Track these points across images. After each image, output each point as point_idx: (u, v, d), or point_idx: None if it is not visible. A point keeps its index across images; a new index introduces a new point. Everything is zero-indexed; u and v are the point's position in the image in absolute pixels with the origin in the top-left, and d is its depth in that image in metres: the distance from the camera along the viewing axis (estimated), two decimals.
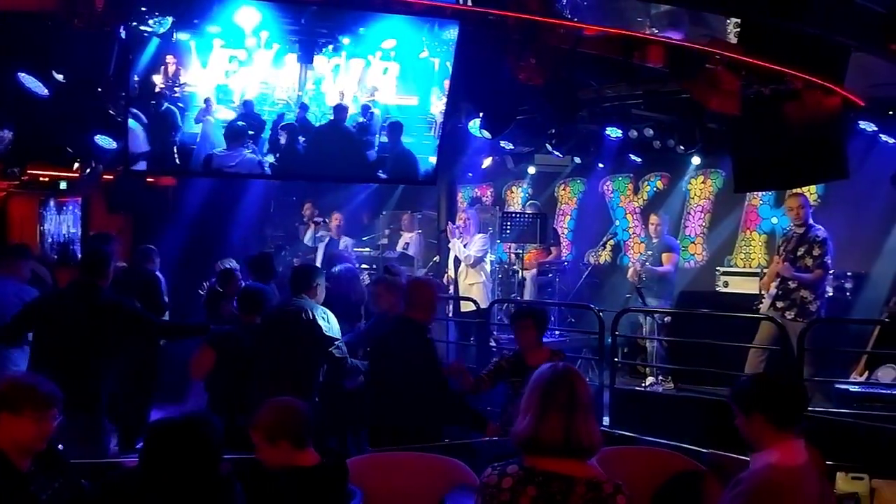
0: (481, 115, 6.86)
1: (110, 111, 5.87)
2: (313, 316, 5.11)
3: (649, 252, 8.98)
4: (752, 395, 3.10)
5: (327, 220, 10.64)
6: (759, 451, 3.05)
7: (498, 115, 6.73)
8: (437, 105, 5.91)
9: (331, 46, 5.52)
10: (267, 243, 11.40)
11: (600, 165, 10.96)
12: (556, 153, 9.84)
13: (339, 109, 5.70)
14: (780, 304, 7.43)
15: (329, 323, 5.18)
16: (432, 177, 6.26)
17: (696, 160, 10.12)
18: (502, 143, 9.45)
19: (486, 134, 7.22)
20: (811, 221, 7.54)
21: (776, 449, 2.99)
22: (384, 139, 5.86)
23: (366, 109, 5.75)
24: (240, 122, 5.53)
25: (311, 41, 5.39)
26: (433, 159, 6.09)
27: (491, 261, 10.22)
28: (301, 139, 5.72)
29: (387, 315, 5.52)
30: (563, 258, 11.41)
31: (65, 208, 11.97)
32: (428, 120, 5.92)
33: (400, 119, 5.89)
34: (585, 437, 2.68)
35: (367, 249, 11.69)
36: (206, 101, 5.49)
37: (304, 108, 5.65)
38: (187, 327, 6.29)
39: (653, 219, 9.31)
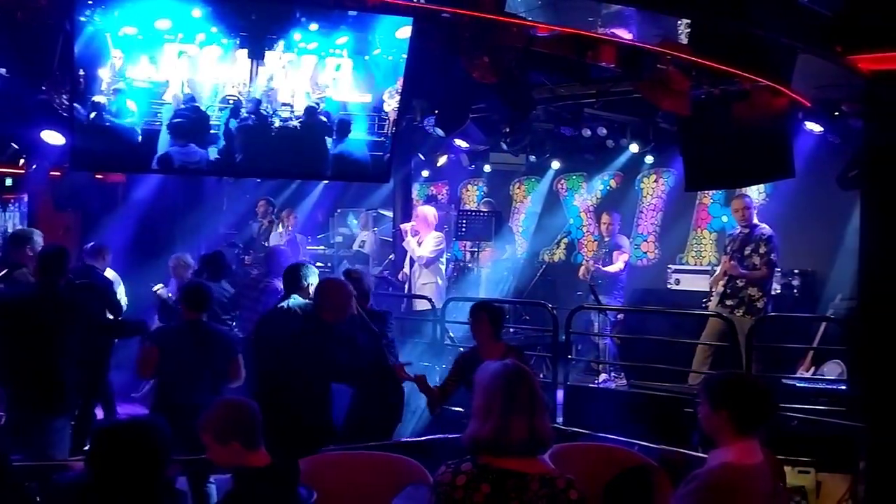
0: (435, 112, 6.86)
1: (56, 106, 5.74)
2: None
3: (603, 251, 9.09)
4: (724, 392, 3.12)
5: (282, 218, 10.56)
6: (716, 448, 3.10)
7: (452, 112, 6.74)
8: (391, 103, 5.89)
9: (282, 43, 5.47)
10: (220, 241, 11.25)
11: (554, 164, 11.02)
12: (511, 151, 9.90)
13: (290, 106, 5.64)
14: (728, 302, 7.58)
15: None
16: (386, 174, 6.23)
17: (648, 159, 10.24)
18: (457, 141, 9.44)
19: (440, 132, 7.22)
20: (756, 221, 7.70)
21: (733, 447, 3.04)
22: (336, 137, 5.81)
23: (318, 107, 5.69)
24: (187, 118, 5.44)
25: (261, 37, 5.33)
26: (386, 157, 6.05)
27: (447, 258, 10.24)
28: (251, 136, 5.65)
29: None
30: (518, 256, 11.47)
31: (10, 206, 11.69)
32: (381, 118, 5.89)
33: (353, 117, 5.85)
34: (546, 435, 2.72)
35: (322, 248, 11.64)
36: (154, 95, 5.40)
37: (254, 104, 5.58)
38: (126, 325, 6.22)
39: (604, 218, 9.43)
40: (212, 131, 5.52)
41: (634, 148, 9.43)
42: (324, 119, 5.67)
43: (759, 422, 3.10)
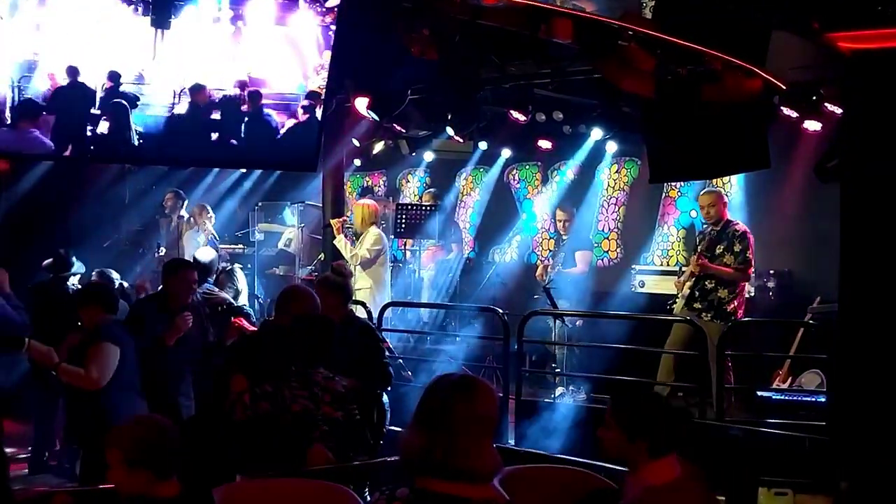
0: (369, 93, 6.80)
1: None
2: None
3: (561, 253, 9.12)
4: (640, 419, 3.19)
5: (194, 214, 10.40)
6: (632, 473, 3.21)
7: (388, 93, 6.71)
8: (316, 81, 5.83)
9: (190, 9, 5.36)
10: (122, 239, 11.04)
11: (505, 153, 11.05)
12: (457, 138, 9.88)
13: (199, 85, 5.55)
14: (696, 305, 7.68)
15: None
16: (312, 163, 6.17)
17: (610, 147, 10.33)
18: (395, 126, 9.40)
19: (375, 115, 7.16)
20: (728, 217, 7.81)
21: (649, 469, 3.16)
22: (253, 119, 5.73)
23: (231, 84, 5.61)
24: (77, 95, 5.32)
25: (167, 3, 5.23)
26: (313, 143, 5.99)
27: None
28: (154, 116, 5.55)
29: None
30: (466, 255, 11.47)
31: None
32: (306, 98, 5.82)
33: (273, 97, 5.77)
34: (496, 457, 2.71)
35: (241, 246, 11.49)
36: (29, 66, 5.28)
37: (156, 80, 5.48)
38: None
39: (559, 214, 9.47)
40: (107, 111, 5.40)
41: (596, 135, 9.50)
42: (236, 98, 5.59)
43: (675, 445, 3.20)
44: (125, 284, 7.82)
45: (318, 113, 5.92)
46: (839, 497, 5.27)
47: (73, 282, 7.45)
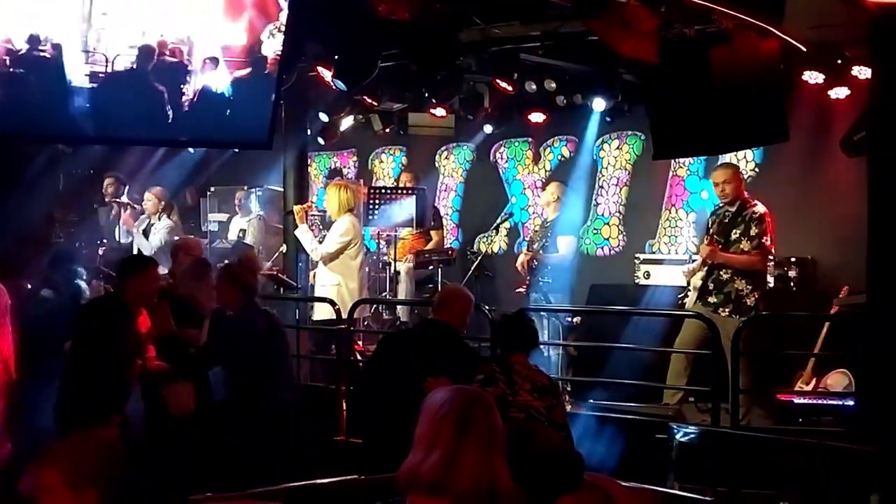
0: (334, 59, 6.74)
1: None
2: None
3: (544, 236, 9.07)
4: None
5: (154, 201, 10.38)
6: None
7: (355, 59, 6.65)
8: (271, 45, 5.78)
9: None
10: (55, 231, 10.94)
11: (487, 128, 11.02)
12: (436, 111, 9.84)
13: (142, 51, 5.49)
14: (711, 299, 7.67)
15: None
16: (267, 139, 6.13)
17: (608, 120, 10.31)
18: (365, 98, 9.35)
19: (341, 85, 7.11)
20: (745, 196, 7.80)
21: None
22: (199, 89, 5.67)
23: (175, 50, 5.56)
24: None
25: None
26: (268, 116, 5.94)
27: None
28: (86, 88, 5.49)
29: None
30: (448, 245, 11.44)
31: None
32: (259, 65, 5.76)
33: (220, 64, 5.72)
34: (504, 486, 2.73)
35: (191, 237, 11.42)
36: None
37: (89, 45, 5.42)
38: None
39: (553, 190, 9.40)
40: (30, 81, 5.36)
41: (594, 106, 9.46)
42: (174, 64, 5.53)
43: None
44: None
45: (273, 82, 5.85)
46: None
47: None
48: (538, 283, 8.68)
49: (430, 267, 10.27)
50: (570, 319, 8.70)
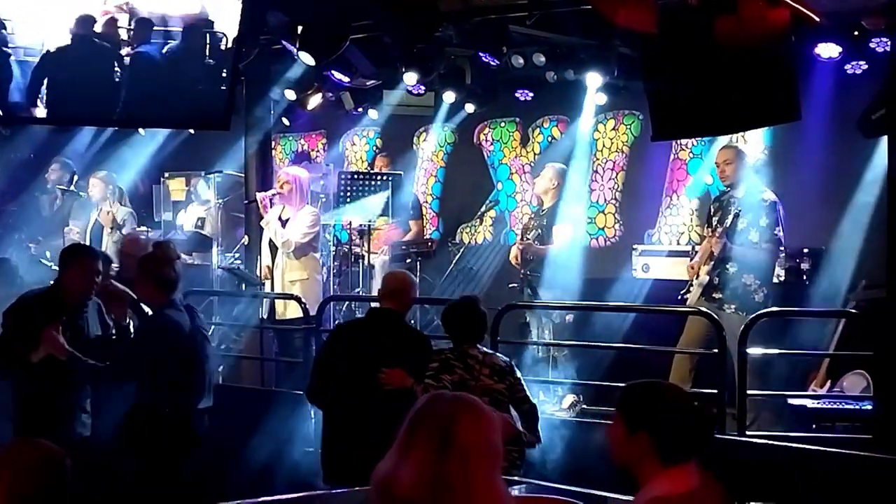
0: (300, 30, 6.71)
1: None
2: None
3: (539, 226, 9.04)
4: (644, 407, 3.26)
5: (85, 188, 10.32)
6: (641, 483, 3.23)
7: (324, 30, 6.62)
8: (228, 13, 5.74)
9: None
10: None
11: (469, 107, 11.01)
12: (414, 89, 9.83)
13: (80, 20, 5.44)
14: (716, 295, 7.69)
15: None
16: (222, 118, 6.09)
17: (604, 98, 10.32)
18: (335, 74, 9.32)
19: (308, 58, 7.07)
20: (754, 181, 7.82)
21: (658, 479, 3.18)
22: (149, 63, 5.64)
23: (114, 18, 5.52)
24: None
25: None
26: (223, 94, 5.91)
27: (325, 242, 10.13)
28: (21, 63, 5.45)
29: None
30: (427, 236, 11.45)
31: None
32: (214, 37, 5.73)
33: (173, 35, 5.69)
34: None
35: (144, 229, 11.39)
36: None
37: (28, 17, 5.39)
38: None
39: (550, 175, 9.40)
40: None
41: (592, 82, 9.45)
42: (113, 34, 5.48)
43: (690, 450, 3.25)
44: None
45: (230, 55, 5.82)
46: None
47: None
48: (534, 277, 8.64)
49: (408, 260, 10.26)
50: (564, 318, 8.69)
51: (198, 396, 5.81)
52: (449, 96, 10.52)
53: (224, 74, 5.90)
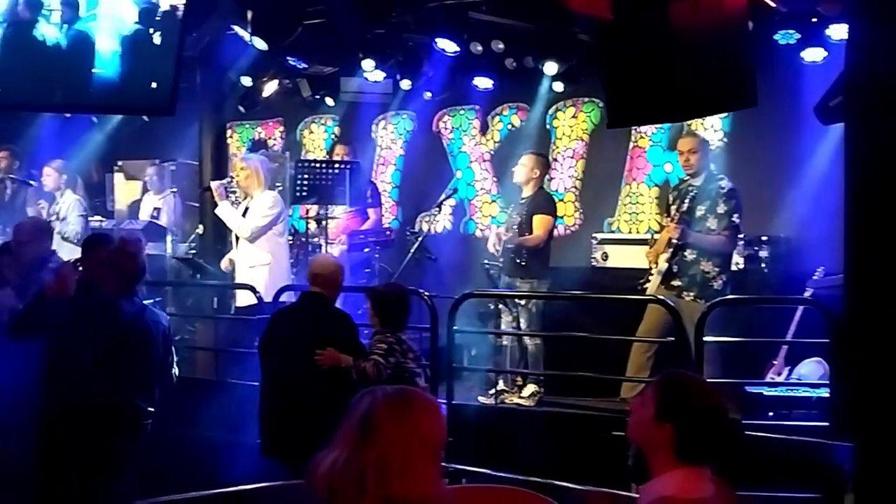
0: (250, 14, 6.65)
1: None
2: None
3: (518, 215, 8.95)
4: (679, 397, 3.20)
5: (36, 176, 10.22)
6: (652, 476, 3.18)
7: (276, 14, 6.56)
8: None
9: None
10: None
11: (428, 95, 10.97)
12: (372, 76, 9.77)
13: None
14: (675, 282, 7.70)
15: None
16: (168, 105, 6.00)
17: (561, 85, 10.30)
18: (290, 60, 9.25)
19: (261, 43, 7.01)
20: (713, 169, 7.83)
21: (674, 476, 3.12)
22: (83, 44, 5.55)
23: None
24: None
25: None
26: (169, 78, 5.83)
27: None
28: None
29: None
30: (386, 225, 11.40)
31: None
32: (157, 16, 5.65)
33: (113, 16, 5.60)
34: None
35: (98, 218, 11.30)
36: None
37: None
38: None
39: (529, 164, 9.28)
40: None
41: (547, 70, 9.43)
42: (63, 20, 5.40)
43: (708, 456, 3.17)
44: None
45: (176, 36, 5.73)
46: None
47: None
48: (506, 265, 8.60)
49: (367, 249, 10.21)
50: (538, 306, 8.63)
51: (134, 391, 5.70)
52: (407, 83, 10.48)
53: (168, 56, 5.79)
